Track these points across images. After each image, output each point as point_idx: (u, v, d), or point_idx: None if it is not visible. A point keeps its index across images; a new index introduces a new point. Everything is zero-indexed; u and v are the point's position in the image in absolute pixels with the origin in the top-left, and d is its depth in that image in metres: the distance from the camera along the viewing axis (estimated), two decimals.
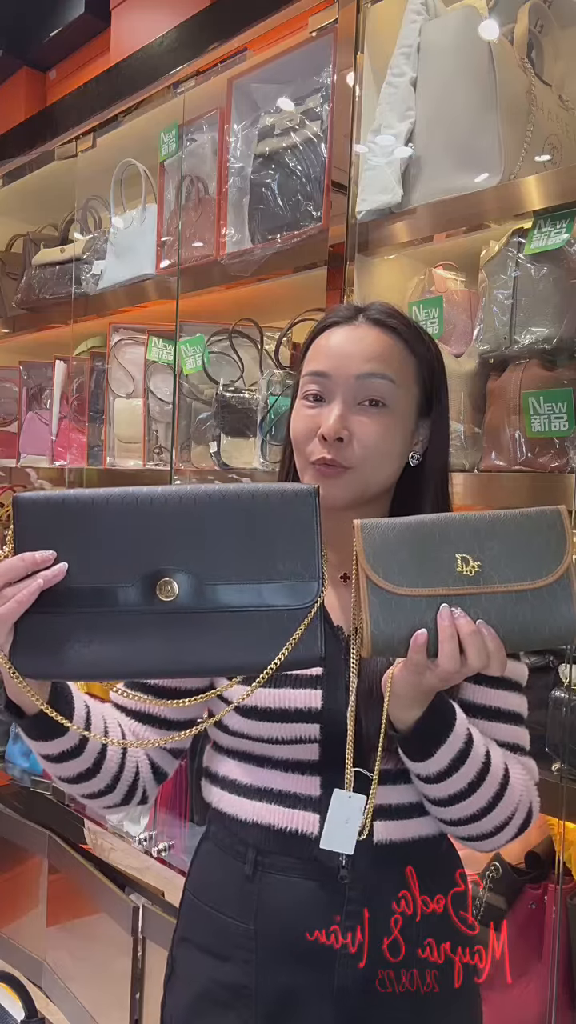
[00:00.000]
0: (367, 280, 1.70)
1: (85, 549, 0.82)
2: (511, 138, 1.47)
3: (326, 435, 0.96)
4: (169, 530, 0.83)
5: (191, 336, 2.12)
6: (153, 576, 0.81)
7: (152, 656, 0.81)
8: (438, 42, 1.55)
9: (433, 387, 1.04)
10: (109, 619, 0.81)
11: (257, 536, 0.83)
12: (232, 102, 1.98)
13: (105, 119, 2.43)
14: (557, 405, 1.37)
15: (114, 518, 0.83)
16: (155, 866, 2.08)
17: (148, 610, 0.81)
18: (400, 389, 0.99)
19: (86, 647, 0.80)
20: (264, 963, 0.96)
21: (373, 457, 0.97)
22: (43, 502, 0.84)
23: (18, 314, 2.92)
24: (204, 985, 1.01)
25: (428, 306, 1.57)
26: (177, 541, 0.82)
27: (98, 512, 0.83)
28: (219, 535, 0.83)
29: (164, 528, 0.83)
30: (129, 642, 0.81)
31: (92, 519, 0.83)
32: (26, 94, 3.18)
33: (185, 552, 0.82)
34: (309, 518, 0.83)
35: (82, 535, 0.82)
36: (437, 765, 0.89)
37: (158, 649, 0.81)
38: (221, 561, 0.82)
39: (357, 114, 1.69)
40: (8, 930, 2.64)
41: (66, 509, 0.83)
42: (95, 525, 0.83)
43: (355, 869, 0.94)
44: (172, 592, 0.81)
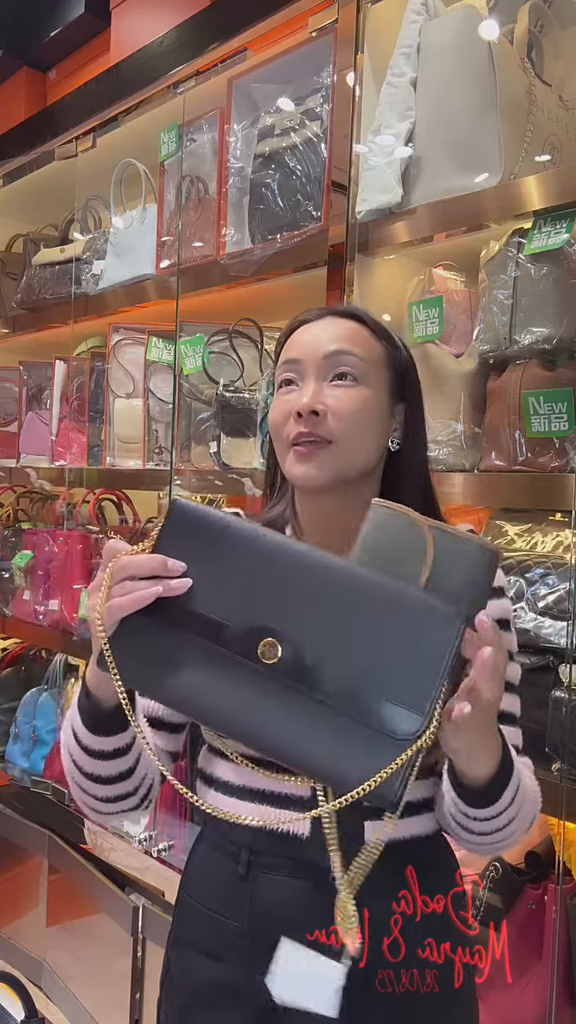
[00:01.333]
0: (367, 280, 1.70)
1: (214, 575, 0.80)
2: (511, 138, 1.47)
3: (300, 410, 0.97)
4: (297, 588, 0.79)
5: (191, 336, 2.12)
6: (261, 631, 0.78)
7: (239, 713, 0.78)
8: (438, 42, 1.55)
9: (404, 371, 1.05)
10: (213, 655, 0.79)
11: (384, 638, 0.76)
12: (232, 102, 1.98)
13: (105, 119, 2.43)
14: (557, 405, 1.37)
15: (251, 555, 0.80)
16: (155, 866, 2.08)
17: (250, 665, 0.78)
18: (369, 365, 1.01)
19: (182, 672, 0.78)
20: (258, 963, 0.96)
21: (351, 428, 0.98)
22: (196, 514, 0.83)
23: (18, 314, 2.92)
24: (198, 985, 1.01)
25: (428, 306, 1.57)
26: (301, 603, 0.78)
27: (239, 543, 0.81)
28: (345, 617, 0.77)
29: (292, 584, 0.79)
30: (221, 685, 0.78)
31: (232, 548, 0.81)
32: (26, 94, 3.18)
33: (304, 619, 0.78)
34: (444, 645, 0.75)
35: (218, 560, 0.80)
36: (502, 805, 0.89)
37: (247, 709, 0.77)
38: (336, 646, 0.77)
39: (357, 114, 1.69)
40: (8, 930, 2.64)
41: (213, 528, 0.81)
42: (232, 555, 0.80)
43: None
44: (274, 655, 0.78)
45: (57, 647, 2.64)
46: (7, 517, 3.17)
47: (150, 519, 2.55)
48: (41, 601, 2.67)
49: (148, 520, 2.55)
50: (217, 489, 2.11)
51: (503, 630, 1.02)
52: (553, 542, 1.51)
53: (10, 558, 2.83)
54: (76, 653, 2.54)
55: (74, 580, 2.53)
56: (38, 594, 2.69)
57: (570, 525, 1.47)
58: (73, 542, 2.56)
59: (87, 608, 0.87)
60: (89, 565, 2.53)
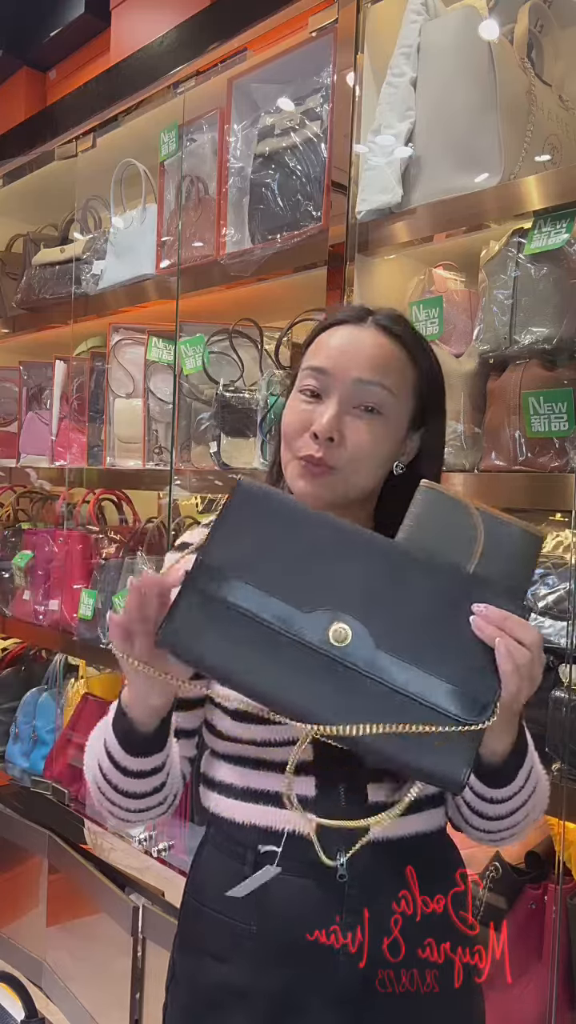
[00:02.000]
0: (367, 280, 1.70)
1: (276, 555, 0.81)
2: (511, 138, 1.47)
3: (318, 433, 0.96)
4: (364, 575, 0.80)
5: (191, 336, 2.12)
6: (330, 615, 0.79)
7: (289, 690, 0.78)
8: (438, 42, 1.55)
9: (430, 399, 1.04)
10: (268, 634, 0.79)
11: (448, 623, 0.79)
12: (232, 102, 1.98)
13: (105, 119, 2.43)
14: (557, 405, 1.37)
15: (316, 537, 0.81)
16: (155, 866, 2.08)
17: (310, 645, 0.78)
18: (396, 400, 0.99)
19: (234, 646, 0.79)
20: (264, 964, 0.96)
21: (360, 461, 0.98)
22: (260, 495, 0.84)
23: (18, 314, 2.92)
24: (205, 987, 1.01)
25: (428, 306, 1.58)
26: (370, 589, 0.80)
27: (305, 525, 0.82)
28: (414, 604, 0.79)
29: (359, 570, 0.81)
30: (274, 663, 0.78)
31: (300, 532, 0.82)
32: (26, 94, 3.18)
33: (374, 604, 0.79)
34: None
35: (284, 542, 0.81)
36: (516, 786, 0.91)
37: (300, 687, 0.77)
38: (405, 633, 0.79)
39: (357, 114, 1.69)
40: (8, 930, 2.64)
41: (281, 509, 0.83)
42: (300, 539, 0.82)
43: (353, 867, 0.94)
44: (344, 637, 0.78)
45: (57, 647, 2.64)
46: (7, 517, 3.17)
47: (150, 519, 2.55)
48: (41, 601, 2.67)
49: (148, 520, 2.55)
50: (217, 489, 2.11)
51: None
52: (553, 542, 1.51)
53: (10, 558, 2.83)
54: (76, 653, 2.54)
55: (74, 580, 2.53)
56: (38, 594, 2.69)
57: (570, 525, 1.47)
58: (73, 542, 2.56)
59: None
60: (89, 565, 2.53)
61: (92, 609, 2.38)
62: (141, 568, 2.29)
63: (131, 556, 2.36)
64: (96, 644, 2.37)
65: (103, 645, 2.33)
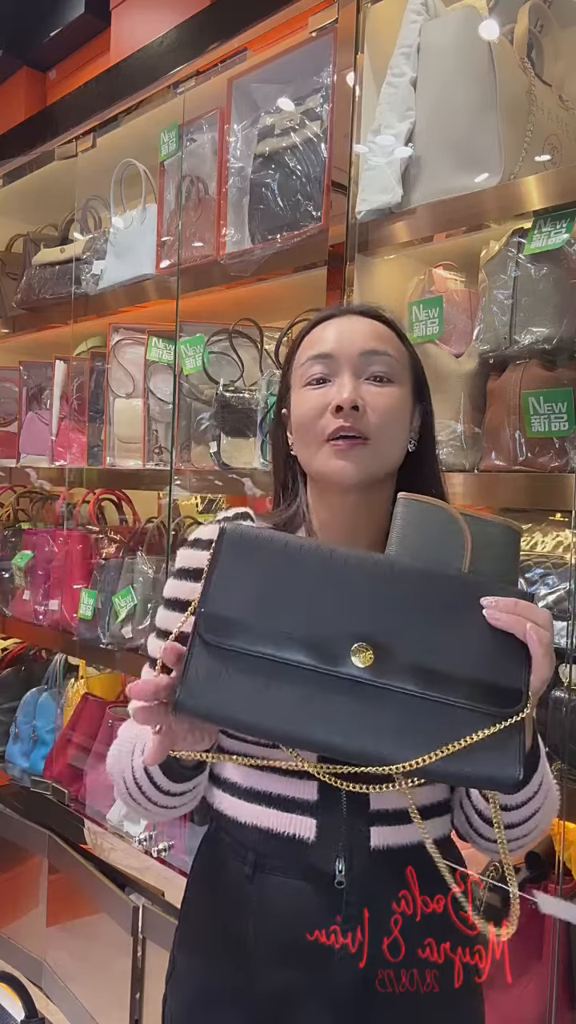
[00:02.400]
0: (367, 280, 1.70)
1: (278, 595, 0.79)
2: (511, 138, 1.47)
3: (342, 404, 0.96)
4: (369, 596, 0.79)
5: (191, 336, 2.12)
6: (348, 642, 0.77)
7: (332, 733, 0.75)
8: (438, 42, 1.55)
9: (421, 377, 1.07)
10: (291, 672, 0.76)
11: (462, 624, 0.78)
12: (232, 102, 1.98)
13: (105, 119, 2.43)
14: (557, 405, 1.37)
15: (312, 570, 0.80)
16: (155, 866, 2.08)
17: (333, 672, 0.76)
18: (400, 367, 1.02)
19: (261, 693, 0.76)
20: (262, 964, 0.96)
21: (388, 428, 0.98)
22: (249, 537, 0.82)
23: (18, 314, 2.92)
24: (202, 985, 1.02)
25: (428, 306, 1.57)
26: (379, 608, 0.79)
27: (300, 560, 0.81)
28: (424, 615, 0.79)
29: (364, 593, 0.80)
30: (305, 704, 0.75)
31: (294, 567, 0.80)
32: (26, 94, 3.18)
33: (387, 621, 0.78)
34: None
35: (282, 582, 0.80)
36: (530, 791, 0.90)
37: (339, 725, 0.75)
38: (422, 642, 0.77)
39: (357, 114, 1.69)
40: (8, 930, 2.64)
41: (270, 548, 0.81)
42: (296, 574, 0.80)
43: (352, 874, 0.94)
44: (369, 661, 0.76)
45: (57, 647, 2.64)
46: (7, 517, 3.17)
47: (150, 519, 2.55)
48: (41, 601, 2.67)
49: (148, 520, 2.55)
50: (217, 489, 2.11)
51: None
52: (553, 542, 1.51)
53: (10, 558, 2.83)
54: (76, 653, 2.54)
55: (74, 580, 2.53)
56: (38, 594, 2.69)
57: (570, 525, 1.47)
58: (73, 542, 2.56)
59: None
60: (89, 565, 2.53)
61: (92, 609, 2.39)
62: (142, 568, 2.29)
63: (131, 556, 2.36)
64: (96, 644, 2.37)
65: (103, 645, 2.34)
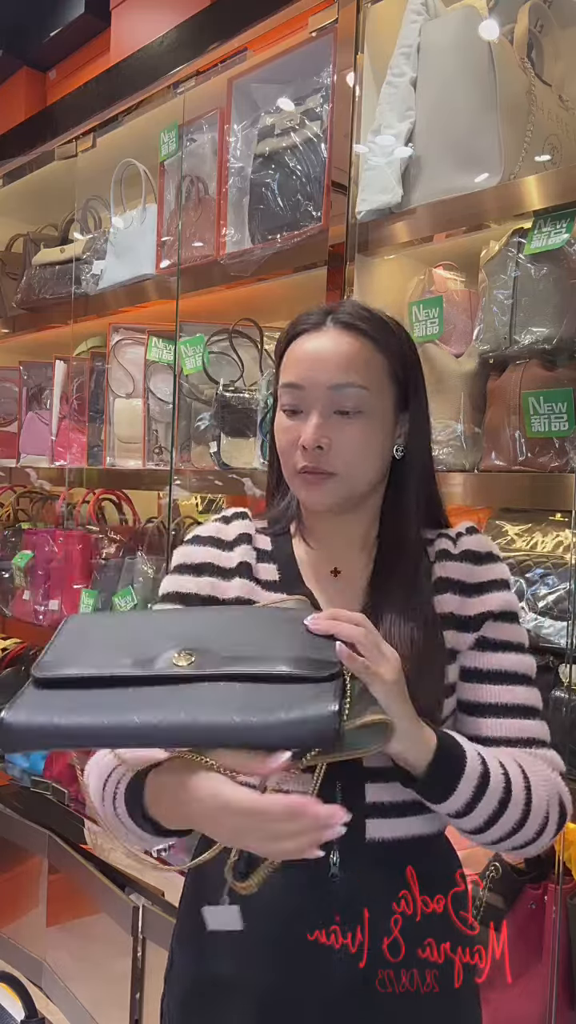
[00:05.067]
0: (367, 280, 1.70)
1: (108, 639, 0.84)
2: (511, 138, 1.47)
3: (306, 444, 0.97)
4: (192, 623, 0.87)
5: (191, 336, 2.12)
6: (172, 651, 0.80)
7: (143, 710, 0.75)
8: (438, 42, 1.55)
9: (408, 380, 1.04)
10: (114, 681, 0.78)
11: (279, 632, 0.84)
12: (232, 102, 1.98)
13: (105, 119, 2.43)
14: (557, 405, 1.37)
15: (143, 618, 0.91)
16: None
17: (153, 674, 0.78)
18: (374, 395, 0.99)
19: (81, 700, 0.76)
20: (256, 960, 0.96)
21: (354, 462, 0.99)
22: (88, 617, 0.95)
23: (18, 314, 2.92)
24: (198, 979, 1.02)
25: (428, 306, 1.57)
26: (200, 630, 0.84)
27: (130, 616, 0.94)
28: (239, 627, 0.85)
29: (189, 621, 0.88)
30: (127, 697, 0.77)
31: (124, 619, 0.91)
32: (26, 94, 3.18)
33: (208, 634, 0.83)
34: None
35: (112, 632, 0.86)
36: (461, 800, 0.89)
37: (154, 704, 0.76)
38: (240, 640, 0.82)
39: (357, 114, 1.69)
40: (8, 930, 2.64)
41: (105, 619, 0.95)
42: (125, 621, 0.93)
43: (346, 868, 0.94)
44: (187, 659, 0.79)
45: None
46: (7, 517, 3.17)
47: (150, 519, 2.55)
48: (41, 601, 2.67)
49: (148, 520, 2.55)
50: (217, 489, 2.11)
51: (508, 622, 1.03)
52: (553, 542, 1.51)
53: (10, 558, 2.83)
54: None
55: (74, 580, 2.53)
56: (38, 594, 2.69)
57: (570, 525, 1.47)
58: (73, 542, 2.56)
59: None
60: (89, 565, 2.53)
61: (92, 609, 2.39)
62: (142, 568, 2.29)
63: (131, 556, 2.36)
64: None
65: None
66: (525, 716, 1.01)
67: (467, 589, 1.02)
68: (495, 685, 1.00)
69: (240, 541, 1.06)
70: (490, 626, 1.02)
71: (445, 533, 1.07)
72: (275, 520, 1.10)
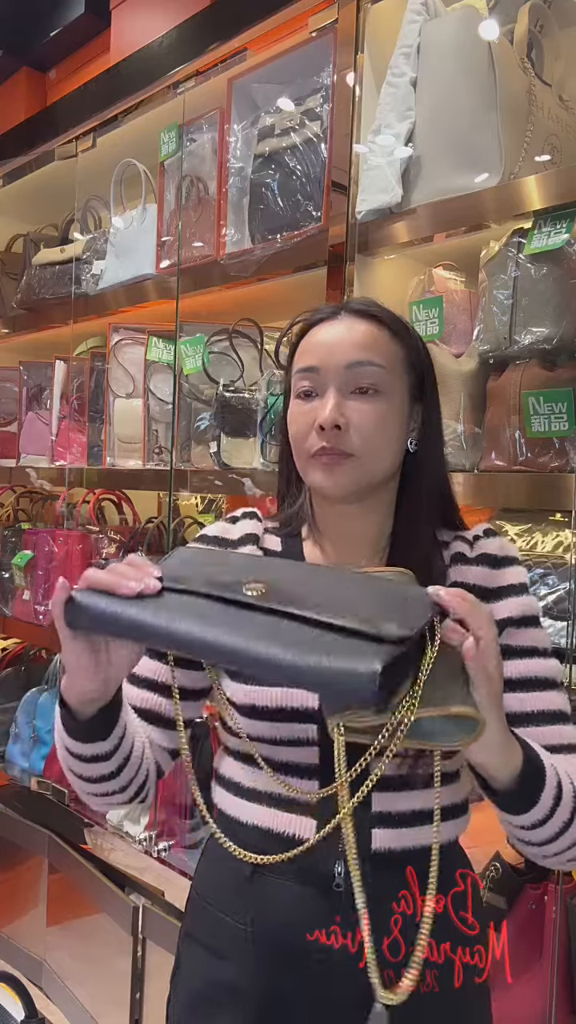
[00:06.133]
0: (367, 280, 1.70)
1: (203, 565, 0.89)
2: (511, 138, 1.47)
3: (323, 424, 0.96)
4: (279, 569, 0.88)
5: (191, 336, 2.12)
6: (250, 581, 0.82)
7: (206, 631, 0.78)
8: (438, 42, 1.55)
9: (424, 372, 1.04)
10: (191, 596, 0.83)
11: (363, 586, 0.83)
12: (232, 102, 1.98)
13: (105, 119, 2.43)
14: (557, 405, 1.37)
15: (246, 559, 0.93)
16: (155, 866, 2.08)
17: (228, 596, 0.81)
18: (390, 375, 0.99)
19: (156, 603, 0.82)
20: (260, 964, 0.96)
21: (372, 443, 0.97)
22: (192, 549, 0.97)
23: (18, 314, 2.92)
24: (204, 982, 1.02)
25: (428, 306, 1.58)
26: (289, 575, 0.85)
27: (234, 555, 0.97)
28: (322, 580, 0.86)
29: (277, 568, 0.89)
30: (201, 610, 0.81)
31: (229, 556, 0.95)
32: (26, 94, 3.18)
33: (290, 576, 0.84)
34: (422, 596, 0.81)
35: (210, 561, 0.91)
36: (541, 811, 0.86)
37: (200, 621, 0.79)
38: (321, 591, 0.82)
39: (357, 114, 1.69)
40: (8, 930, 2.64)
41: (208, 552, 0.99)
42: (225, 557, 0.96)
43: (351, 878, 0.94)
44: (259, 591, 0.80)
45: (57, 647, 2.64)
46: (7, 517, 3.17)
47: (150, 519, 2.55)
48: (41, 601, 2.67)
49: (148, 520, 2.55)
50: (217, 489, 2.11)
51: (530, 627, 1.01)
52: (553, 542, 1.51)
53: (10, 558, 2.83)
54: None
55: (74, 580, 2.52)
56: (38, 594, 2.69)
57: (570, 525, 1.47)
58: (73, 542, 2.56)
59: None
60: (89, 565, 2.53)
61: None
62: None
63: None
64: None
65: None
66: (563, 722, 0.98)
67: (485, 595, 0.99)
68: (526, 693, 0.97)
69: (246, 541, 1.06)
70: (512, 633, 0.99)
71: (461, 535, 1.05)
72: (287, 521, 1.09)
